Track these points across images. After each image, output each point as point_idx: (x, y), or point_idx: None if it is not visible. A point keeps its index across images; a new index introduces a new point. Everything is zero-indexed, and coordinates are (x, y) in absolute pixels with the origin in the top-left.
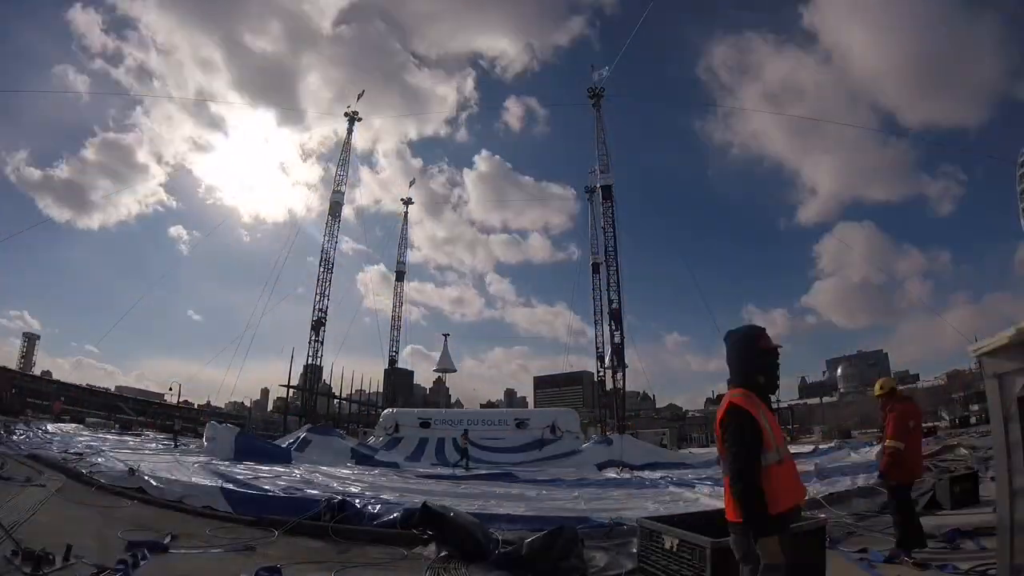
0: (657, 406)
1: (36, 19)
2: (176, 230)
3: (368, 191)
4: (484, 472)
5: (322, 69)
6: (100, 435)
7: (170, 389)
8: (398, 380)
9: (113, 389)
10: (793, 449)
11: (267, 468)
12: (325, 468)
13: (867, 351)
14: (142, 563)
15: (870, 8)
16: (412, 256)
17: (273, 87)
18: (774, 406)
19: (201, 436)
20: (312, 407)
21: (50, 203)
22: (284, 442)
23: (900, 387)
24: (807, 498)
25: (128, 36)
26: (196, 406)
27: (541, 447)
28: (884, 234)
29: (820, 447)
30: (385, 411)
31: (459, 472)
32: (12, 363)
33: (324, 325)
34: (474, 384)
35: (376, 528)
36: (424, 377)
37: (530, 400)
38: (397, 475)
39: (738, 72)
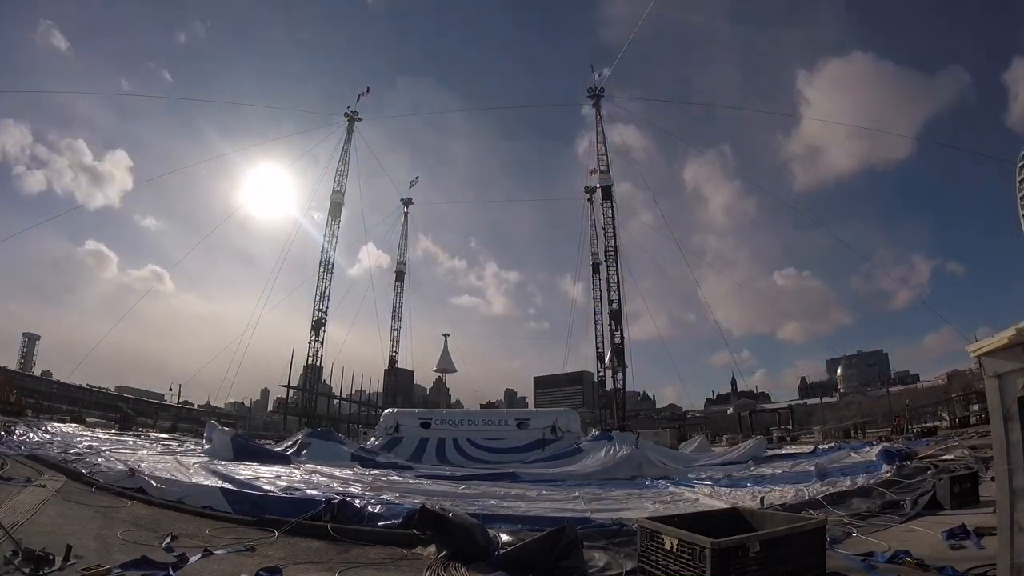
0: (657, 406)
1: None
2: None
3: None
4: (485, 472)
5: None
6: (100, 435)
7: (170, 389)
8: (398, 380)
9: (113, 389)
10: (793, 449)
11: (267, 468)
12: (325, 468)
13: (867, 351)
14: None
15: None
16: None
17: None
18: (773, 406)
19: (200, 436)
20: (312, 407)
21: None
22: (282, 446)
23: (897, 388)
24: (807, 498)
25: None
26: (196, 406)
27: (542, 447)
28: None
29: (820, 447)
30: (385, 411)
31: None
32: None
33: (324, 325)
34: (474, 384)
35: (376, 528)
36: (424, 377)
37: (530, 400)
38: (397, 475)
39: None
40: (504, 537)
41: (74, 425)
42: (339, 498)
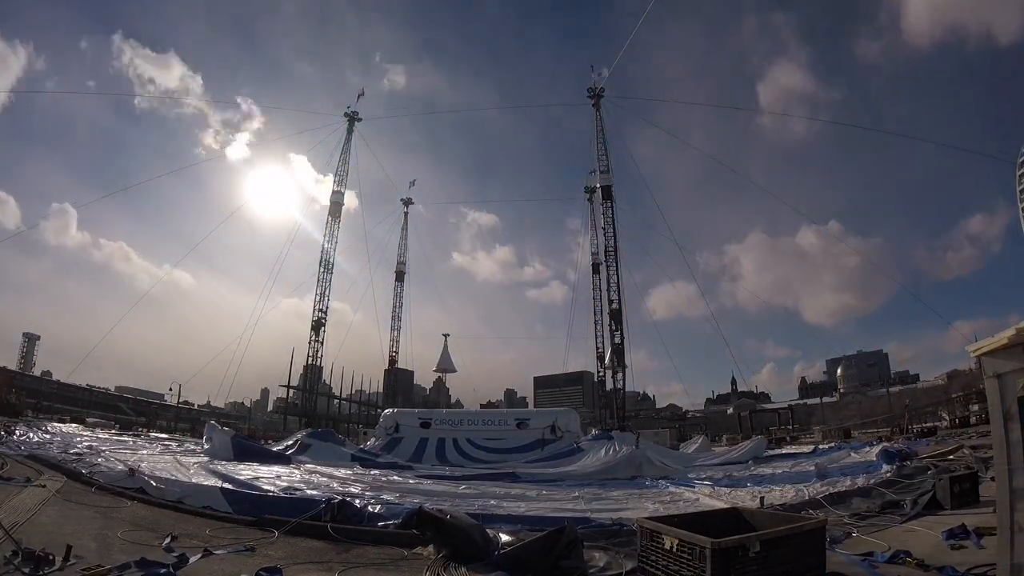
0: (657, 406)
1: None
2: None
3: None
4: (485, 472)
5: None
6: (100, 435)
7: (170, 389)
8: (398, 380)
9: (113, 389)
10: (793, 449)
11: (267, 468)
12: (325, 468)
13: (867, 351)
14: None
15: None
16: None
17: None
18: (773, 406)
19: (200, 436)
20: (312, 407)
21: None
22: (281, 445)
23: (897, 388)
24: (807, 498)
25: None
26: (196, 406)
27: (542, 447)
28: None
29: (820, 447)
30: (385, 411)
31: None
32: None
33: (324, 325)
34: (474, 384)
35: (376, 529)
36: (424, 377)
37: (530, 400)
38: (397, 475)
39: None
40: (504, 537)
41: (74, 425)
42: (339, 498)
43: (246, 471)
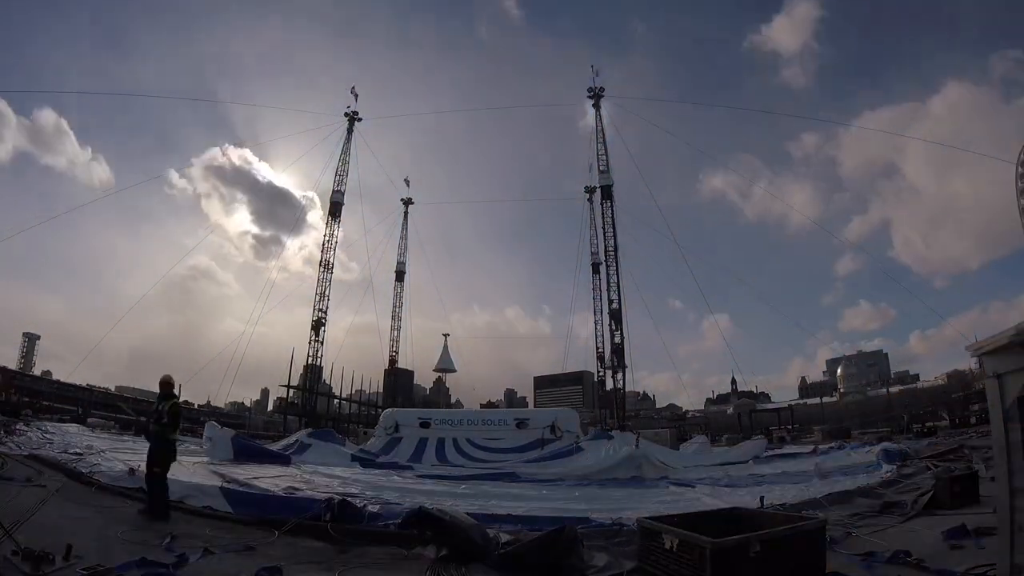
0: (657, 406)
1: None
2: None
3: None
4: (485, 472)
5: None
6: (101, 435)
7: None
8: (398, 380)
9: (113, 389)
10: (793, 449)
11: (267, 468)
12: (325, 469)
13: (867, 351)
14: None
15: None
16: None
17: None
18: (773, 406)
19: (200, 436)
20: (312, 407)
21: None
22: (281, 445)
23: (897, 388)
24: (807, 498)
25: None
26: (196, 406)
27: (542, 447)
28: None
29: (820, 447)
30: (385, 411)
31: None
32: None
33: (324, 325)
34: (474, 384)
35: (376, 528)
36: (424, 377)
37: (530, 400)
38: (397, 475)
39: None
40: (504, 537)
41: (74, 425)
42: (339, 498)
43: (246, 471)
